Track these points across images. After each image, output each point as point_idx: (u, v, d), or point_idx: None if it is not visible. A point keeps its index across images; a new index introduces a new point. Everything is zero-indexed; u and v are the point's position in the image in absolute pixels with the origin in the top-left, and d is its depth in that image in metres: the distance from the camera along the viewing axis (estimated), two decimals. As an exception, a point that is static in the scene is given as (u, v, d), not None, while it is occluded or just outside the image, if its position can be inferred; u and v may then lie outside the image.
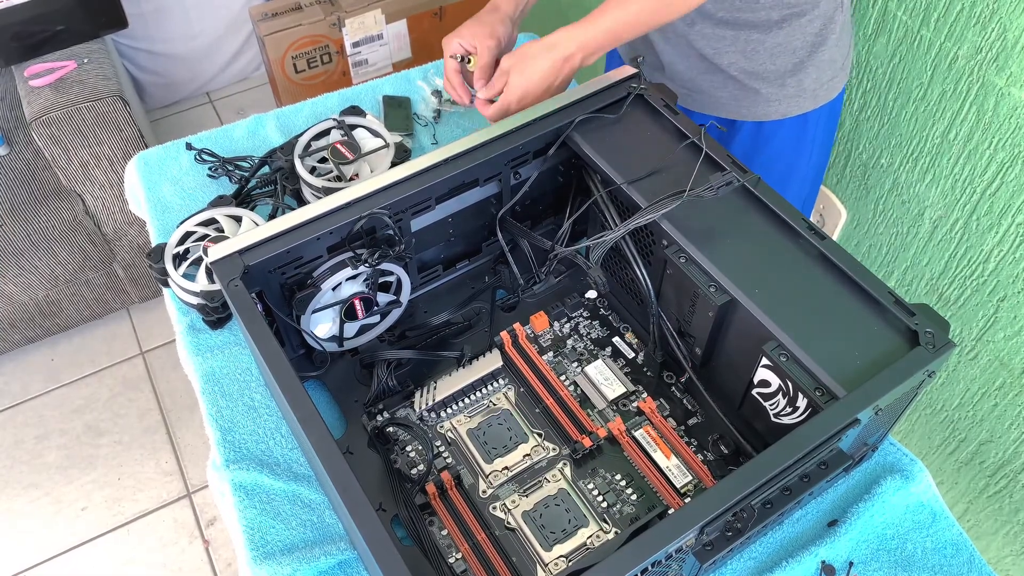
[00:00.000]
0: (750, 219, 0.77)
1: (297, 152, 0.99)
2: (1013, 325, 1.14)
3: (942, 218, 1.20)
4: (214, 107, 2.53)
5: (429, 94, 1.18)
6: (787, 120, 1.06)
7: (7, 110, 1.85)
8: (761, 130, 1.08)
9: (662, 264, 0.79)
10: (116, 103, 1.65)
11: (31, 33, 1.69)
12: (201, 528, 1.72)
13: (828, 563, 0.74)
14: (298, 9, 2.07)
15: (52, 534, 1.71)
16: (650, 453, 0.79)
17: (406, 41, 2.18)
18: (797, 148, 1.10)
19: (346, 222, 0.76)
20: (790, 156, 1.11)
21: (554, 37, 0.89)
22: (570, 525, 0.74)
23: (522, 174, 0.87)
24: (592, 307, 0.92)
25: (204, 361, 0.89)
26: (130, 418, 1.88)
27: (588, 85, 0.88)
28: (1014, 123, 1.04)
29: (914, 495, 0.78)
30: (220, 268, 0.73)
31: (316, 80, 2.18)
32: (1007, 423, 1.21)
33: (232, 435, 0.83)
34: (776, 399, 0.72)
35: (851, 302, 0.71)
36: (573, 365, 0.87)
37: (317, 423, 0.63)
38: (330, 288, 0.79)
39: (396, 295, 0.86)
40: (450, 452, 0.80)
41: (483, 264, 0.95)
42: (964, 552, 0.76)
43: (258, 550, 0.75)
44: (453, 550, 0.74)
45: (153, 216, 1.05)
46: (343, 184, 0.96)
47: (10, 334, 1.86)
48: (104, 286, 1.90)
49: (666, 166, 0.81)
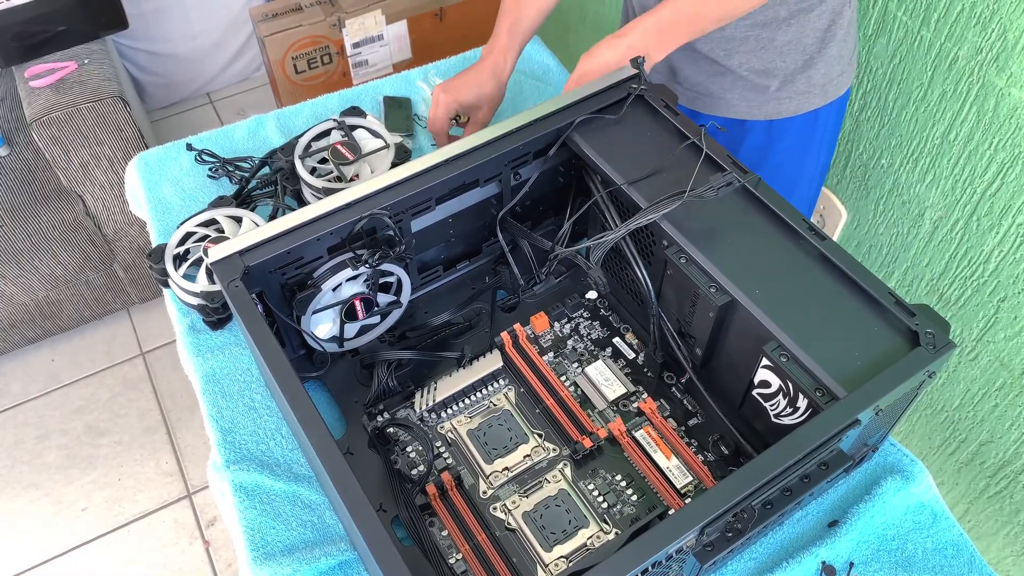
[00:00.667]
0: (750, 219, 0.77)
1: (297, 153, 0.99)
2: (1013, 325, 1.14)
3: (942, 218, 1.20)
4: (214, 108, 2.53)
5: (429, 94, 1.18)
6: (797, 118, 1.07)
7: (7, 111, 1.85)
8: (771, 129, 1.08)
9: (662, 264, 0.79)
10: (116, 104, 1.65)
11: (31, 34, 1.69)
12: (201, 529, 1.72)
13: (828, 564, 0.74)
14: (298, 10, 2.07)
15: (52, 534, 1.71)
16: (650, 454, 0.79)
17: (406, 42, 2.18)
18: (806, 147, 1.11)
19: (346, 223, 0.76)
20: (799, 155, 1.11)
21: (625, 28, 0.89)
22: (570, 526, 0.74)
23: (522, 175, 0.87)
24: (592, 308, 0.92)
25: (204, 362, 0.89)
26: (130, 418, 1.89)
27: (588, 85, 0.88)
28: (1014, 124, 1.04)
29: (915, 496, 0.78)
30: (220, 269, 0.73)
31: (316, 81, 2.18)
32: (1007, 424, 1.21)
33: (232, 436, 0.83)
34: (776, 399, 0.72)
35: (851, 303, 0.71)
36: (573, 366, 0.87)
37: (317, 424, 0.63)
38: (330, 289, 0.79)
39: (396, 296, 0.86)
40: (450, 453, 0.80)
41: (483, 265, 0.95)
42: (965, 553, 0.76)
43: (258, 551, 0.75)
44: (453, 551, 0.74)
45: (153, 217, 1.05)
46: (343, 185, 0.96)
47: (10, 334, 1.86)
48: (104, 287, 1.90)
49: (666, 166, 0.81)
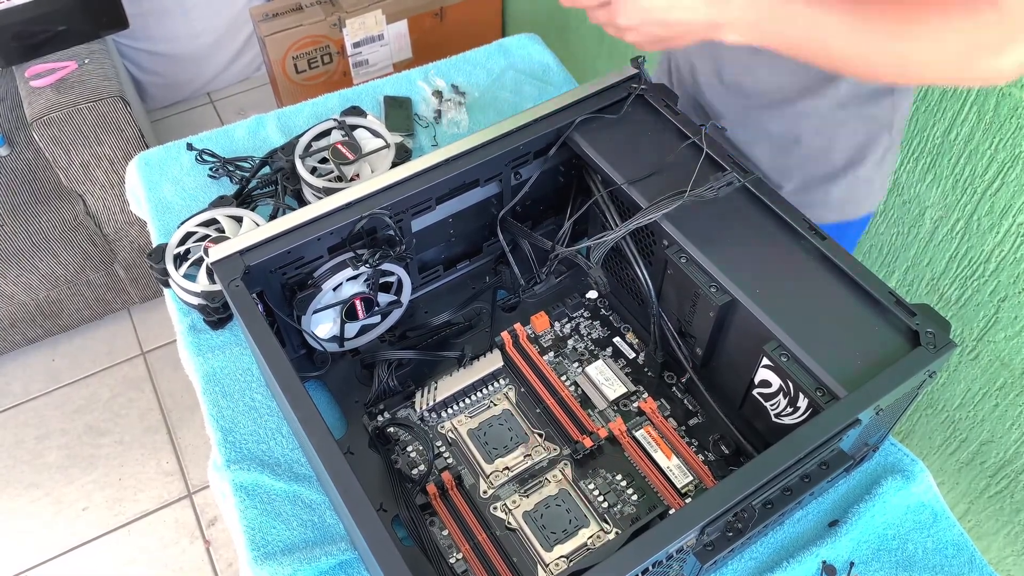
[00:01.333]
0: (751, 219, 0.77)
1: (298, 152, 0.99)
2: (1014, 325, 1.14)
3: (943, 218, 1.20)
4: (215, 107, 2.53)
5: (430, 94, 1.18)
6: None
7: (8, 110, 1.85)
8: None
9: (663, 264, 0.79)
10: (117, 103, 1.66)
11: (32, 33, 1.69)
12: (202, 528, 1.72)
13: (829, 563, 0.74)
14: (299, 9, 2.07)
15: (53, 534, 1.71)
16: (651, 453, 0.79)
17: (407, 41, 2.18)
18: None
19: (347, 222, 0.77)
20: None
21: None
22: (571, 525, 0.74)
23: (523, 174, 0.87)
24: (593, 307, 0.92)
25: (205, 361, 0.89)
26: (131, 418, 1.89)
27: (589, 85, 0.88)
28: (1015, 123, 1.04)
29: (915, 495, 0.78)
30: (221, 268, 0.73)
31: (317, 80, 2.18)
32: (1008, 423, 1.21)
33: (233, 435, 0.83)
34: (777, 399, 0.72)
35: (852, 302, 0.71)
36: (574, 365, 0.87)
37: (318, 423, 0.63)
38: (331, 288, 0.79)
39: (397, 295, 0.86)
40: (451, 452, 0.80)
41: (484, 264, 0.95)
42: (965, 552, 0.76)
43: (259, 550, 0.75)
44: (454, 550, 0.74)
45: (154, 216, 1.05)
46: (343, 184, 0.96)
47: (11, 334, 1.86)
48: (105, 286, 1.90)
49: (667, 166, 0.81)
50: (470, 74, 1.23)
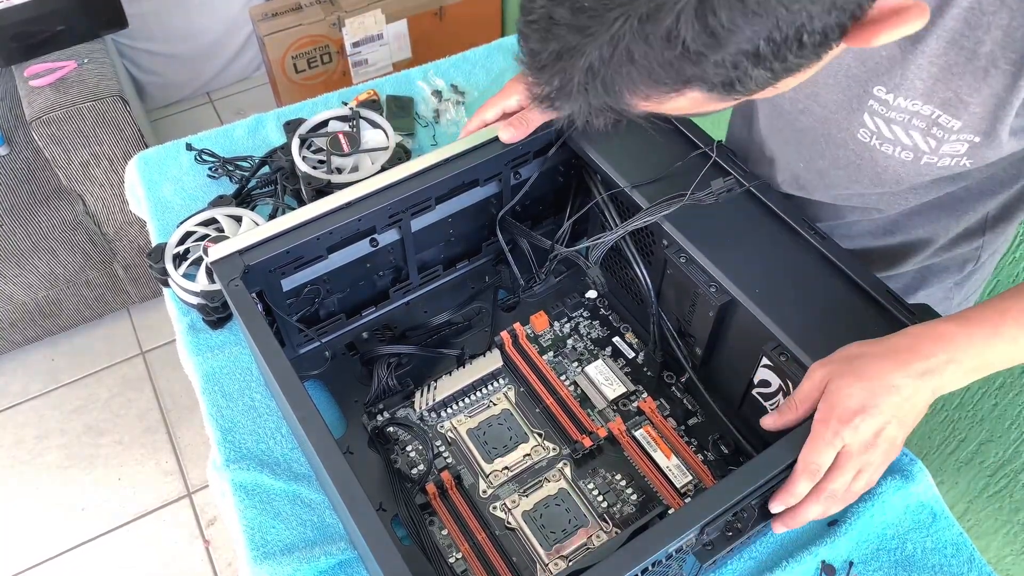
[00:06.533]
0: (750, 219, 0.77)
1: (300, 132, 0.98)
2: (1013, 325, 1.14)
3: (942, 218, 1.20)
4: (214, 107, 2.53)
5: (429, 94, 1.18)
6: None
7: (7, 110, 1.85)
8: None
9: (662, 264, 0.79)
10: (116, 103, 1.65)
11: (31, 33, 1.69)
12: (201, 528, 1.73)
13: (828, 563, 0.74)
14: (298, 9, 2.07)
15: (52, 534, 1.71)
16: (650, 453, 0.79)
17: (406, 41, 2.18)
18: None
19: (347, 222, 0.77)
20: None
21: (918, 352, 0.62)
22: (570, 525, 0.74)
23: (522, 174, 0.87)
24: (592, 307, 0.92)
25: (204, 361, 0.89)
26: (130, 418, 1.89)
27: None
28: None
29: (914, 495, 0.78)
30: (220, 268, 0.73)
31: (316, 80, 2.18)
32: (1007, 423, 1.21)
33: (232, 435, 0.83)
34: (776, 399, 0.72)
35: (851, 302, 0.71)
36: (573, 365, 0.87)
37: (317, 423, 0.63)
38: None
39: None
40: (450, 452, 0.80)
41: (483, 264, 0.95)
42: (964, 552, 0.76)
43: (258, 550, 0.75)
44: (453, 550, 0.74)
45: (153, 216, 1.05)
46: (331, 175, 0.96)
47: (10, 334, 1.86)
48: (104, 286, 1.90)
49: (668, 166, 0.81)
50: (469, 74, 1.23)
